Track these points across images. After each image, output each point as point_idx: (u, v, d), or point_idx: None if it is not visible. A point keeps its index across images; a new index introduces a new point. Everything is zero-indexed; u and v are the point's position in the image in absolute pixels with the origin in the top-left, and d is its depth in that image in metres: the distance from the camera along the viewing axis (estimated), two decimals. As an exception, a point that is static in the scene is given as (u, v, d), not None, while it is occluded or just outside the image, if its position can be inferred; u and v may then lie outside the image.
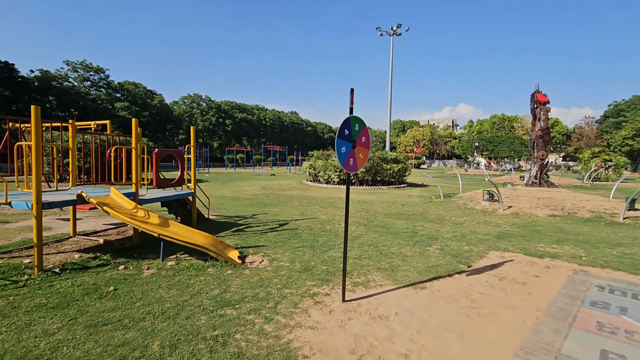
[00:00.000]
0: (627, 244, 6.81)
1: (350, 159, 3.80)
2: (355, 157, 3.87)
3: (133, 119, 6.15)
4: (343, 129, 3.59)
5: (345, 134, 3.64)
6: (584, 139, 63.03)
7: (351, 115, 3.71)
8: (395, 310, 3.73)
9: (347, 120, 3.64)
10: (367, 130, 3.97)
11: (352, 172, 3.90)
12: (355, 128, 3.75)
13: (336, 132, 3.61)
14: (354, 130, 3.75)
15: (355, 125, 3.76)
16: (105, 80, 49.46)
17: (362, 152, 4.00)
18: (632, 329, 3.35)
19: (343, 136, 3.61)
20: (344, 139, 3.64)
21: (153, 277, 4.64)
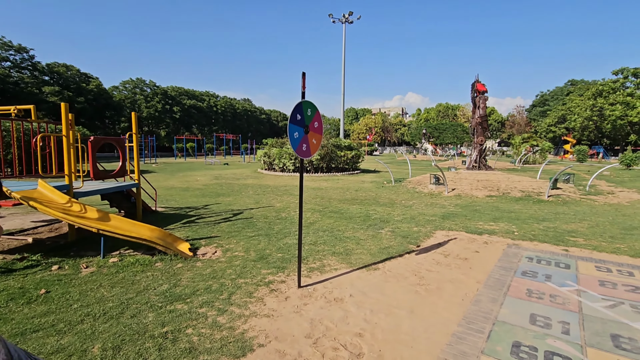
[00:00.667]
0: (550, 219, 7.63)
1: (304, 144, 3.77)
2: (309, 142, 3.84)
3: (62, 103, 5.52)
4: (295, 114, 3.52)
5: (298, 119, 3.59)
6: (515, 126, 69.11)
7: (303, 100, 3.65)
8: (349, 292, 3.82)
9: (299, 105, 3.58)
10: (320, 115, 3.95)
11: (306, 158, 3.87)
12: (307, 113, 3.71)
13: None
14: (307, 115, 3.71)
15: (308, 110, 3.71)
16: (29, 61, 43.78)
17: (315, 138, 3.98)
18: (555, 293, 3.77)
19: (295, 121, 3.56)
20: (297, 124, 3.59)
21: (93, 275, 4.28)
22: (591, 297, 3.67)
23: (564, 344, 2.81)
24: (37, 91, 41.65)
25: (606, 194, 11.34)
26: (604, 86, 53.15)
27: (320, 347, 2.79)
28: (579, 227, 6.92)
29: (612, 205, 9.54)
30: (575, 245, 5.63)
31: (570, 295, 3.73)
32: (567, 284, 4.01)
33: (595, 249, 5.45)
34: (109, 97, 53.10)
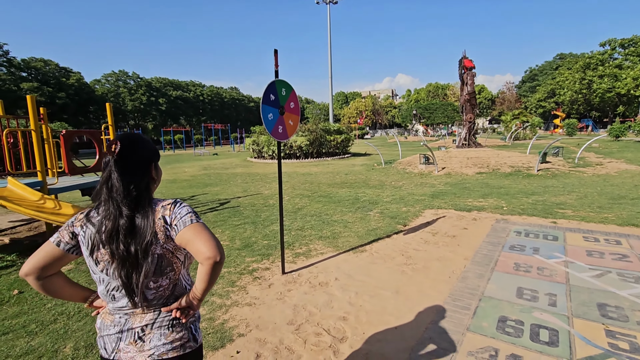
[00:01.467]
0: (539, 193, 7.62)
1: (279, 126, 3.59)
2: (285, 124, 3.67)
3: (28, 96, 5.23)
4: (268, 94, 3.34)
5: (272, 100, 3.40)
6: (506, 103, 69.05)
7: (277, 79, 3.46)
8: (335, 276, 3.74)
9: (272, 84, 3.39)
10: (296, 95, 3.76)
11: (283, 141, 3.70)
12: (282, 93, 3.52)
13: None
14: (281, 95, 3.52)
15: (282, 90, 3.53)
16: (4, 57, 42.14)
17: (292, 119, 3.81)
18: (543, 265, 3.73)
19: (269, 102, 3.37)
20: (270, 105, 3.41)
21: (70, 273, 4.13)
22: (578, 268, 3.63)
23: (550, 316, 2.76)
24: (15, 88, 40.33)
25: (595, 165, 11.39)
26: (592, 59, 53.13)
27: (303, 333, 2.71)
28: (567, 199, 6.91)
29: (600, 176, 9.57)
30: (564, 217, 5.61)
31: (558, 266, 3.69)
32: (555, 256, 3.97)
33: (584, 219, 5.43)
34: (91, 92, 51.70)
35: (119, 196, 1.13)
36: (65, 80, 47.29)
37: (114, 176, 1.14)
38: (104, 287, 1.19)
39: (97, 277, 1.19)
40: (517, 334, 2.54)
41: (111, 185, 1.14)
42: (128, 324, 1.19)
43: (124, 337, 1.19)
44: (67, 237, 1.18)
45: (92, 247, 1.15)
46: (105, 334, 1.21)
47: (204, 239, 1.12)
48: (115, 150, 1.13)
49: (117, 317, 1.20)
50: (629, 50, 52.63)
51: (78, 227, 1.18)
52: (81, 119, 49.82)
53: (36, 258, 1.15)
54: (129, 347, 1.18)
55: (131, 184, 1.16)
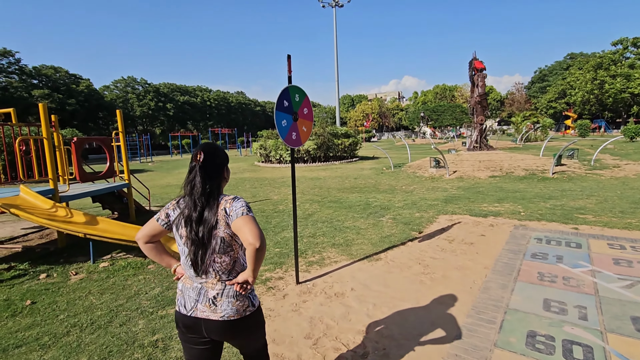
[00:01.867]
0: (557, 197, 7.41)
1: (293, 132, 3.51)
2: (298, 130, 3.59)
3: (40, 104, 5.25)
4: (282, 100, 3.26)
5: (285, 106, 3.32)
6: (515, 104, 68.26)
7: (290, 85, 3.38)
8: (351, 286, 3.63)
9: (286, 90, 3.31)
10: (309, 101, 3.68)
11: (296, 147, 3.62)
12: (295, 99, 3.44)
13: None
14: (295, 102, 3.44)
15: (296, 96, 3.45)
16: (16, 65, 43.00)
17: (306, 125, 3.72)
18: (568, 275, 3.57)
19: (282, 108, 3.29)
20: (284, 112, 3.33)
21: (82, 282, 4.09)
22: (607, 278, 3.47)
23: (582, 330, 2.61)
24: (26, 95, 41.07)
25: (612, 167, 11.10)
26: (604, 58, 52.24)
27: (321, 348, 2.60)
28: (587, 203, 6.69)
29: (618, 179, 9.31)
30: (585, 223, 5.42)
31: (585, 276, 3.53)
32: (580, 265, 3.81)
33: (606, 225, 5.24)
34: (100, 98, 52.42)
35: (197, 193, 1.50)
36: (75, 86, 48.06)
37: (197, 179, 1.51)
38: (185, 257, 1.55)
39: (180, 249, 1.57)
40: (548, 350, 2.40)
41: (193, 185, 1.52)
42: (203, 291, 1.53)
43: (200, 300, 1.53)
44: (163, 216, 1.60)
45: (177, 225, 1.55)
46: (187, 295, 1.56)
47: (250, 228, 1.42)
48: (199, 159, 1.52)
49: (196, 283, 1.55)
50: (642, 49, 51.62)
51: (171, 209, 1.60)
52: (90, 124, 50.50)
53: (144, 229, 1.62)
54: (204, 308, 1.52)
55: (207, 184, 1.52)
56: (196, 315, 1.53)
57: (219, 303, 1.51)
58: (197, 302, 1.53)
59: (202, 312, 1.52)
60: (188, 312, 1.54)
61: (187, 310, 1.55)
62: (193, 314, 1.53)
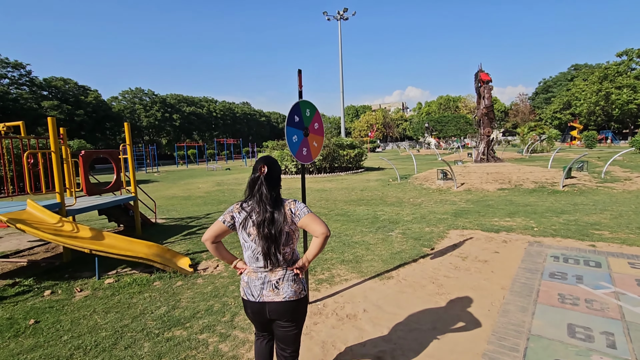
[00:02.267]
0: (570, 211, 7.24)
1: (304, 148, 3.44)
2: (309, 146, 3.52)
3: (49, 118, 5.25)
4: (293, 115, 3.20)
5: (296, 121, 3.26)
6: (519, 114, 68.15)
7: (301, 100, 3.33)
8: (363, 307, 3.50)
9: (297, 105, 3.26)
10: (320, 115, 3.62)
11: (307, 163, 3.54)
12: (306, 114, 3.39)
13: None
14: (305, 117, 3.38)
15: (307, 111, 3.39)
16: (27, 77, 43.87)
17: (316, 140, 3.66)
18: (591, 297, 3.42)
19: (293, 123, 3.23)
20: (295, 127, 3.26)
21: (87, 300, 4.00)
22: (632, 301, 3.31)
23: (612, 360, 2.46)
24: (36, 106, 41.74)
25: (623, 180, 10.89)
26: (609, 69, 52.16)
27: (335, 377, 2.47)
28: (601, 218, 6.52)
29: (632, 192, 9.11)
30: (602, 240, 5.25)
31: (608, 299, 3.37)
32: (602, 286, 3.65)
33: (624, 242, 5.07)
34: (108, 109, 53.11)
35: (266, 199, 1.83)
36: (84, 98, 48.79)
37: (263, 188, 1.84)
38: (251, 252, 1.87)
39: (247, 245, 1.88)
40: (578, 383, 2.25)
41: (261, 193, 1.84)
42: (267, 278, 1.86)
43: (265, 286, 1.86)
44: (228, 218, 1.89)
45: (244, 226, 1.85)
46: (253, 285, 1.87)
47: (317, 222, 1.84)
48: (263, 171, 1.87)
49: (260, 273, 1.88)
50: (647, 60, 51.55)
51: (236, 212, 1.89)
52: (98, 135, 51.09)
53: (211, 230, 1.88)
54: (269, 292, 1.85)
55: (272, 191, 1.86)
56: (262, 300, 1.86)
57: (281, 287, 1.86)
58: (263, 289, 1.86)
59: (267, 296, 1.85)
60: (256, 298, 1.87)
61: (254, 297, 1.87)
62: (260, 299, 1.86)
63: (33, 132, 36.49)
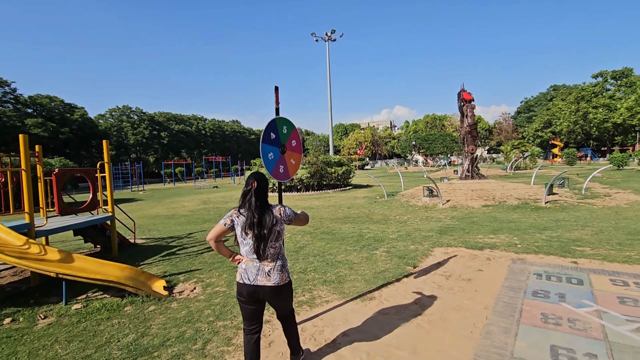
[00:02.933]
0: (552, 227, 7.29)
1: (280, 165, 3.37)
2: (286, 163, 3.45)
3: (21, 135, 5.09)
4: (268, 132, 3.15)
5: (272, 138, 3.21)
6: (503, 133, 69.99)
7: (277, 117, 3.28)
8: (342, 330, 3.35)
9: (273, 122, 3.21)
10: (298, 132, 3.58)
11: (284, 181, 3.47)
12: (283, 131, 3.33)
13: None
14: (282, 134, 3.33)
15: (283, 128, 3.34)
16: (12, 95, 43.20)
17: (294, 158, 3.60)
18: (573, 316, 3.35)
19: (269, 140, 3.17)
20: (271, 144, 3.20)
21: (50, 328, 3.75)
22: (614, 319, 3.26)
23: (595, 384, 2.37)
24: (19, 124, 40.96)
25: (603, 196, 11.11)
26: (585, 90, 54.44)
27: (309, 410, 2.31)
28: (582, 234, 6.57)
29: (611, 208, 9.27)
30: (583, 256, 5.25)
31: (590, 317, 3.31)
32: (584, 304, 3.60)
33: (605, 259, 5.08)
34: (94, 126, 52.47)
35: (253, 207, 2.36)
36: (70, 115, 48.18)
37: (253, 199, 2.38)
38: (249, 247, 2.38)
39: (245, 242, 2.39)
40: (561, 410, 2.15)
41: (251, 202, 2.37)
42: (261, 267, 2.40)
43: (259, 273, 2.39)
44: (229, 222, 2.40)
45: (242, 227, 2.36)
46: (249, 271, 2.40)
47: (301, 221, 2.62)
48: (253, 185, 2.40)
49: (255, 263, 2.40)
50: (621, 82, 54.12)
51: (235, 216, 2.40)
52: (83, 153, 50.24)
53: (214, 232, 2.40)
54: (262, 279, 2.39)
55: (258, 200, 2.39)
56: (256, 283, 2.39)
57: (272, 275, 2.40)
58: (257, 275, 2.39)
59: (261, 281, 2.39)
60: (251, 282, 2.39)
61: (250, 281, 2.39)
62: (254, 283, 2.39)
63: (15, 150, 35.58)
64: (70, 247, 7.75)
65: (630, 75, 53.36)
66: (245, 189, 2.42)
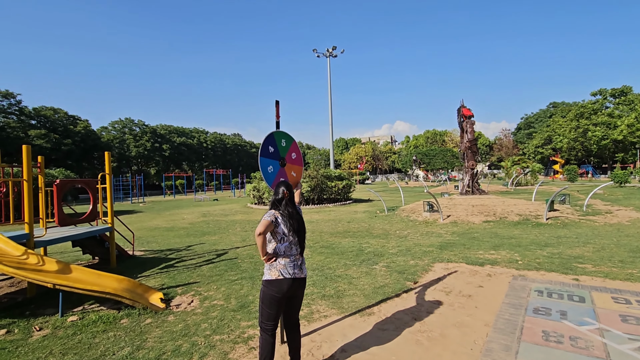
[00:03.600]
0: (553, 244, 7.24)
1: (281, 178, 3.39)
2: (287, 176, 3.48)
3: (24, 146, 5.14)
4: (267, 146, 3.19)
5: (271, 152, 3.24)
6: (503, 149, 70.35)
7: (275, 131, 3.33)
8: (341, 346, 3.31)
9: (270, 136, 3.26)
10: (297, 145, 3.62)
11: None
12: (281, 144, 3.37)
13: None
14: (281, 147, 3.37)
15: (282, 141, 3.38)
16: (17, 106, 43.74)
17: (295, 170, 3.63)
18: (575, 334, 3.31)
19: (268, 154, 3.21)
20: (270, 157, 3.24)
21: (45, 340, 3.70)
22: (616, 338, 3.21)
23: (598, 404, 2.32)
24: (23, 135, 41.30)
25: (604, 213, 11.08)
26: (584, 108, 54.97)
27: None
28: (584, 251, 6.52)
29: (613, 225, 9.23)
30: (585, 273, 5.21)
31: (593, 336, 3.26)
32: (586, 322, 3.55)
33: (607, 276, 5.03)
34: (97, 138, 52.85)
35: (294, 213, 2.74)
36: (73, 127, 48.60)
37: (289, 206, 2.73)
38: (288, 243, 2.69)
39: (285, 238, 2.67)
40: None
41: (289, 210, 2.72)
42: (297, 262, 2.74)
43: (295, 267, 2.70)
44: (274, 218, 2.63)
45: (285, 225, 2.66)
46: (289, 266, 2.66)
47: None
48: (286, 194, 2.74)
49: (292, 258, 2.71)
50: (620, 99, 54.69)
51: (279, 215, 2.67)
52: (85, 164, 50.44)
53: (262, 226, 2.55)
54: (298, 271, 2.71)
55: (295, 207, 2.82)
56: (295, 276, 2.67)
57: (303, 267, 2.79)
58: (294, 269, 2.68)
59: (297, 274, 2.69)
60: (291, 275, 2.65)
61: (290, 274, 2.64)
62: (294, 276, 2.66)
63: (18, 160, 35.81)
64: (68, 258, 7.71)
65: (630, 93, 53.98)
66: (276, 197, 2.72)
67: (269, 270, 2.65)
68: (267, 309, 2.63)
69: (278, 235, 2.64)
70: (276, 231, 2.63)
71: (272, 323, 2.64)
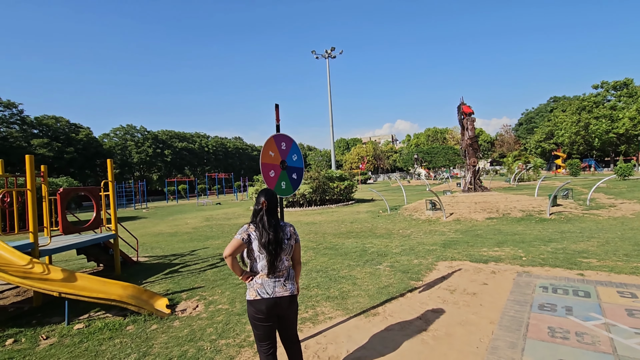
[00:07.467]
0: (557, 239, 7.22)
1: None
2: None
3: (27, 156, 5.18)
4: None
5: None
6: (505, 145, 70.15)
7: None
8: (346, 348, 3.31)
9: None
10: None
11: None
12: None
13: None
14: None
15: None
16: (18, 116, 44.05)
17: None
18: (581, 330, 3.30)
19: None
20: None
21: (52, 349, 3.72)
22: (623, 332, 3.20)
23: (606, 400, 2.31)
24: (25, 144, 41.56)
25: (608, 207, 11.02)
26: (586, 101, 54.71)
27: None
28: (588, 246, 6.50)
29: (617, 219, 9.18)
30: (590, 268, 5.19)
31: (599, 331, 3.25)
32: (592, 317, 3.54)
33: (612, 270, 5.01)
34: (99, 146, 53.11)
35: (266, 226, 2.38)
36: (75, 135, 48.86)
37: (265, 217, 2.40)
38: (264, 262, 2.37)
39: (260, 257, 2.38)
40: None
41: (263, 222, 2.39)
42: (278, 279, 2.42)
43: (277, 285, 2.40)
44: (245, 236, 2.36)
45: (260, 243, 2.35)
46: (267, 285, 2.38)
47: (300, 252, 2.64)
48: (264, 205, 2.43)
49: (271, 276, 2.40)
50: (622, 92, 54.37)
51: (252, 231, 2.38)
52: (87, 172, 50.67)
53: (231, 247, 2.33)
54: (280, 289, 2.40)
55: (272, 219, 2.43)
56: (275, 295, 2.37)
57: (287, 284, 2.45)
58: (275, 287, 2.39)
59: (279, 292, 2.39)
60: (270, 295, 2.36)
61: (269, 294, 2.36)
62: (273, 295, 2.37)
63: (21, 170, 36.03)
64: (73, 266, 7.75)
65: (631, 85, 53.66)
66: (256, 207, 2.44)
67: (248, 289, 2.41)
68: (254, 329, 2.43)
69: (254, 252, 2.38)
70: (251, 248, 2.37)
71: (266, 343, 2.42)
